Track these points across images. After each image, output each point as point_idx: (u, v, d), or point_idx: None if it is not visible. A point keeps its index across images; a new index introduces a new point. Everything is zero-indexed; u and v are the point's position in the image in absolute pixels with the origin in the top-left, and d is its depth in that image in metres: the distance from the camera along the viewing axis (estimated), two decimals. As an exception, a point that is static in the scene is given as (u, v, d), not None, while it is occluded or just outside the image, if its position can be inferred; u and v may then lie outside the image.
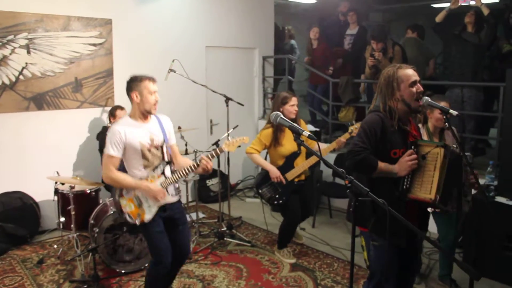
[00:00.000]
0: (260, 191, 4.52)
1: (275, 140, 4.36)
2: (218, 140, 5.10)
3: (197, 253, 4.71)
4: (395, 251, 2.70)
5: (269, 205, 4.70)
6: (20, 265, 4.46)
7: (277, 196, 4.43)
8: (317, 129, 6.40)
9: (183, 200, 5.61)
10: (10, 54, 4.98)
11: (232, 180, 7.03)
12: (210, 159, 3.29)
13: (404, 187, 2.62)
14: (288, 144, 4.36)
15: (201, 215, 5.93)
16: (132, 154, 3.25)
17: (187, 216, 5.49)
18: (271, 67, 7.67)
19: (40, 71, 5.19)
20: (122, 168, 3.29)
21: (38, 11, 5.10)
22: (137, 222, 3.27)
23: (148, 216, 3.26)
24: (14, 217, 4.91)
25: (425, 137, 3.58)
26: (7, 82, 4.98)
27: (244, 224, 5.69)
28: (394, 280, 2.75)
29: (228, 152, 5.38)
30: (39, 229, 5.19)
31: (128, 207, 3.29)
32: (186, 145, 5.20)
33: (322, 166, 6.01)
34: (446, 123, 3.80)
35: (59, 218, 4.54)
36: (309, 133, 2.18)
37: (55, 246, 4.81)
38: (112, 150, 3.18)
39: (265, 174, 4.46)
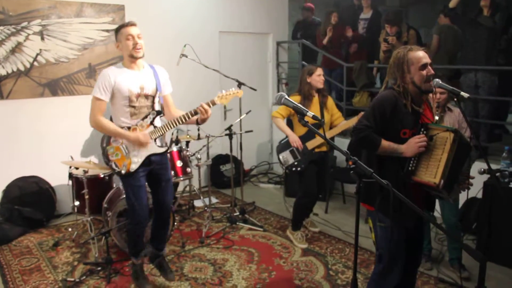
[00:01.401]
0: (280, 156, 4.59)
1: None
2: (231, 125, 5.11)
3: (209, 237, 4.74)
4: (402, 232, 2.68)
5: (287, 171, 4.72)
6: (36, 247, 4.56)
7: (295, 163, 4.49)
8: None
9: (195, 184, 5.67)
10: (25, 40, 5.04)
11: (246, 165, 7.05)
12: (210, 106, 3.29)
13: (410, 168, 2.59)
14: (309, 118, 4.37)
15: (214, 200, 5.97)
16: (119, 100, 3.27)
17: (200, 200, 5.56)
18: (285, 53, 7.62)
19: (54, 58, 5.24)
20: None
21: (51, -3, 5.14)
22: (123, 171, 3.30)
23: (133, 166, 3.29)
24: (31, 201, 5.01)
25: None
26: (22, 68, 5.05)
27: (257, 209, 5.71)
28: (402, 262, 2.73)
29: (241, 137, 5.44)
30: (55, 213, 5.30)
31: (115, 155, 3.32)
32: (198, 129, 5.22)
33: (336, 152, 5.98)
34: (448, 105, 3.78)
35: (73, 202, 4.61)
36: (313, 114, 2.17)
37: (70, 230, 4.91)
38: (100, 93, 3.22)
39: (287, 141, 4.53)
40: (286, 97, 2.29)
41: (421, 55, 2.63)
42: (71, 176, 4.61)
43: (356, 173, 1.99)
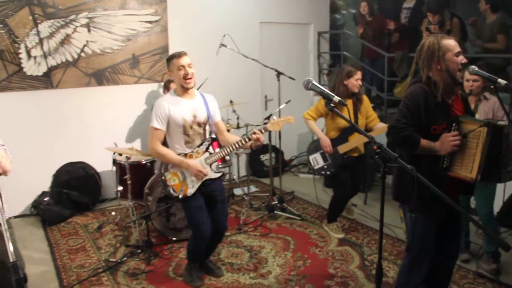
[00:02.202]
0: (310, 158, 4.58)
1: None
2: (270, 115, 5.14)
3: (247, 224, 4.82)
4: (432, 224, 2.64)
5: (317, 175, 4.70)
6: (82, 229, 4.80)
7: (325, 166, 4.45)
8: (373, 105, 6.27)
9: (235, 173, 5.77)
10: (73, 33, 5.27)
11: (287, 155, 7.09)
12: (262, 133, 3.32)
13: (444, 165, 2.54)
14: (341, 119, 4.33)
15: (253, 188, 6.04)
16: (174, 129, 3.35)
17: (239, 189, 5.65)
18: (326, 43, 7.56)
19: (100, 48, 5.45)
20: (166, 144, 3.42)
21: (97, -10, 5.35)
22: (180, 196, 3.38)
23: (190, 190, 3.37)
24: (78, 185, 5.27)
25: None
26: (70, 59, 5.28)
27: (296, 198, 5.74)
28: (430, 254, 2.69)
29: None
30: (100, 198, 5.54)
31: (173, 180, 3.40)
32: (238, 118, 5.29)
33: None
34: (485, 94, 3.65)
35: (117, 187, 4.81)
36: (339, 99, 2.17)
37: (113, 213, 5.13)
38: (157, 122, 3.31)
39: (318, 143, 4.50)
40: (314, 82, 2.29)
41: (454, 43, 2.55)
42: (115, 162, 4.80)
43: (381, 158, 1.99)
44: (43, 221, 4.97)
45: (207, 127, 3.50)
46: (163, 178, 3.44)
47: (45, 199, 5.10)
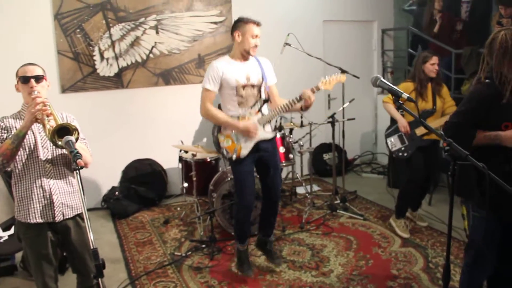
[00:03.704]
0: (388, 141, 4.57)
1: (417, 95, 4.28)
2: (334, 113, 5.11)
3: (309, 223, 4.80)
4: (498, 224, 2.50)
5: (394, 156, 4.63)
6: (149, 223, 4.98)
7: (402, 148, 4.42)
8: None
9: (298, 171, 5.76)
10: (142, 35, 5.49)
11: (350, 155, 6.99)
12: (314, 92, 3.33)
13: None
14: (422, 101, 4.28)
15: (316, 187, 6.01)
16: (227, 90, 3.41)
17: (302, 187, 5.63)
18: (390, 40, 7.38)
19: (167, 49, 5.63)
20: None
21: (165, -7, 5.53)
22: (234, 157, 3.42)
23: (244, 151, 3.42)
24: (145, 181, 5.48)
25: None
26: (139, 60, 5.51)
27: (359, 198, 5.65)
28: (493, 255, 2.56)
29: (344, 126, 5.40)
30: (166, 194, 5.73)
31: (226, 142, 3.46)
32: (301, 117, 5.28)
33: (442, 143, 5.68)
34: None
35: (182, 183, 4.95)
36: (408, 95, 2.13)
37: (179, 209, 5.28)
38: (209, 84, 3.39)
39: (396, 126, 4.49)
40: (382, 79, 2.27)
41: None
42: (181, 159, 4.94)
43: (451, 155, 1.92)
44: (112, 214, 5.21)
45: (262, 89, 3.52)
46: (216, 139, 3.49)
47: (115, 193, 5.34)
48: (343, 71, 4.92)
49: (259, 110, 3.47)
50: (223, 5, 5.83)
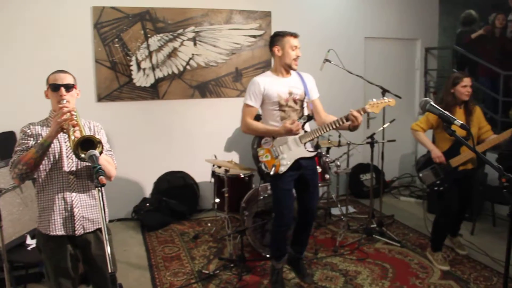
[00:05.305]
0: (420, 174, 4.28)
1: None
2: (374, 134, 4.92)
3: (343, 247, 4.60)
4: None
5: (428, 190, 4.37)
6: (178, 237, 4.89)
7: (437, 182, 4.13)
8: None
9: (333, 192, 5.57)
10: (179, 46, 5.46)
11: (388, 176, 6.74)
12: (361, 114, 3.19)
13: None
14: (457, 128, 4.01)
15: (351, 209, 5.80)
16: (269, 106, 3.36)
17: (337, 208, 5.44)
18: (434, 59, 7.13)
19: (205, 62, 5.58)
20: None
21: (204, 6, 5.52)
22: (272, 172, 3.33)
23: (282, 168, 3.32)
24: (177, 194, 5.41)
25: None
26: (176, 71, 5.48)
27: (396, 223, 5.40)
28: None
29: (383, 147, 5.19)
30: (197, 208, 5.63)
31: (265, 156, 3.38)
32: (339, 136, 5.12)
33: (487, 168, 5.39)
34: None
35: (214, 198, 4.84)
36: (461, 122, 1.98)
37: (209, 225, 5.17)
38: (250, 100, 3.35)
39: (428, 157, 4.20)
40: (432, 103, 2.11)
41: None
42: (213, 174, 4.84)
43: (511, 192, 1.73)
44: (142, 226, 5.15)
45: (305, 105, 3.44)
46: (255, 153, 3.42)
47: (146, 205, 5.28)
48: (384, 90, 4.75)
49: (302, 127, 3.35)
50: (262, 19, 5.75)
